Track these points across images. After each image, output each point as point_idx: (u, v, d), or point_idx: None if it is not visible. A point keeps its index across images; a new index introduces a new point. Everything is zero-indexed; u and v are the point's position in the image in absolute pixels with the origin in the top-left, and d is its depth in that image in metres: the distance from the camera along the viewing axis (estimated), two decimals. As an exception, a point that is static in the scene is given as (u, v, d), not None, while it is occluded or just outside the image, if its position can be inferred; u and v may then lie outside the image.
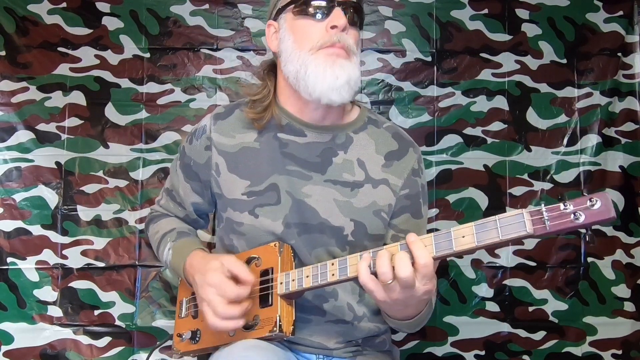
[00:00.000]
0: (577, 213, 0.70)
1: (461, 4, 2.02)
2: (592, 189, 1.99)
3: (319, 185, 1.09)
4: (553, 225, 0.71)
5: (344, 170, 1.10)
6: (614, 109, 2.02)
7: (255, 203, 1.09)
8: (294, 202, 1.08)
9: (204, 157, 1.14)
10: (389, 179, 1.11)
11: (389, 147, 1.14)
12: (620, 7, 2.02)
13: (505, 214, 0.76)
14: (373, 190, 1.10)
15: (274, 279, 1.01)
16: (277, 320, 0.96)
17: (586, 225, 0.70)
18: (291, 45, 1.04)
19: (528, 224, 0.73)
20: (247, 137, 1.13)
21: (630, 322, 1.97)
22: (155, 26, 2.00)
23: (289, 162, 1.09)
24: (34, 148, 1.94)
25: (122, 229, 1.95)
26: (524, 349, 1.96)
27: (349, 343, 1.15)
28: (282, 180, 1.09)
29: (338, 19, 1.00)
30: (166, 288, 1.95)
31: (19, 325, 1.90)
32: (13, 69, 1.95)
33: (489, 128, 2.01)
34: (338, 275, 0.92)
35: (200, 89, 2.00)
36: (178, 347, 1.17)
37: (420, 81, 2.02)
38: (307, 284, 0.96)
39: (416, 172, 1.15)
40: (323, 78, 0.99)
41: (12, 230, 1.92)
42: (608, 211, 0.69)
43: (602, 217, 0.69)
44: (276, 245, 1.04)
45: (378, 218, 1.10)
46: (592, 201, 0.69)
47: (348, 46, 1.01)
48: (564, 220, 0.71)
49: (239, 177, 1.11)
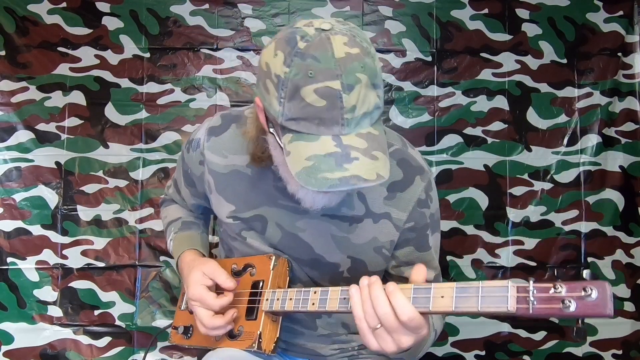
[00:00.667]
0: (567, 301, 0.60)
1: (461, 4, 2.02)
2: (592, 189, 1.99)
3: (314, 220, 1.01)
4: (538, 308, 0.63)
5: (343, 204, 0.99)
6: (614, 109, 2.02)
7: (240, 227, 1.05)
8: (285, 235, 1.02)
9: (199, 171, 1.10)
10: (391, 212, 1.01)
11: (392, 178, 1.00)
12: (620, 7, 2.02)
13: (490, 283, 0.67)
14: (374, 225, 1.01)
15: (262, 294, 0.99)
16: (257, 337, 0.96)
17: (576, 316, 0.61)
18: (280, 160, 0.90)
19: (511, 300, 0.65)
20: (239, 159, 1.04)
21: (630, 322, 1.97)
22: (155, 26, 1.99)
23: (281, 197, 1.00)
24: (33, 148, 1.94)
25: (122, 229, 1.95)
26: (524, 349, 1.97)
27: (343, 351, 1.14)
28: (272, 213, 1.02)
29: None
30: (166, 288, 1.95)
31: (19, 325, 1.90)
32: (13, 68, 1.95)
33: (489, 128, 2.01)
34: (317, 305, 0.88)
35: (200, 89, 1.99)
36: (173, 339, 1.18)
37: (421, 81, 2.02)
38: (289, 307, 0.93)
39: (423, 202, 1.03)
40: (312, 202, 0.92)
41: (12, 230, 1.92)
42: (604, 306, 0.59)
43: (595, 311, 0.60)
44: (271, 258, 1.00)
45: (379, 255, 1.03)
46: (588, 291, 0.59)
47: None
48: (552, 305, 0.62)
49: (225, 200, 1.06)
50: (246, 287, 1.04)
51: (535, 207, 1.99)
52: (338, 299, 0.85)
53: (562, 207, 1.99)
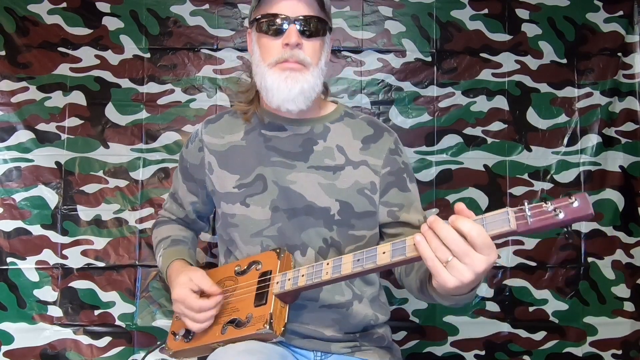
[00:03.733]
0: (557, 210, 0.74)
1: (461, 4, 2.02)
2: (592, 188, 1.99)
3: (303, 172, 1.18)
4: (535, 221, 0.75)
5: (325, 156, 1.19)
6: (614, 109, 2.02)
7: (245, 194, 1.19)
8: (281, 190, 1.17)
9: (198, 158, 1.27)
10: (367, 160, 1.20)
11: (364, 133, 1.24)
12: (620, 7, 2.02)
13: (491, 212, 0.80)
14: (354, 171, 1.18)
15: (271, 279, 1.05)
16: (269, 318, 0.98)
17: (566, 222, 0.74)
18: (257, 59, 1.16)
19: (512, 220, 0.77)
20: (234, 137, 1.24)
21: (630, 322, 1.97)
22: (155, 26, 2.00)
23: (273, 154, 1.19)
24: (33, 148, 1.94)
25: (122, 229, 1.95)
26: (524, 349, 1.97)
27: (346, 335, 1.17)
28: (267, 171, 1.18)
29: (290, 38, 1.09)
30: (166, 288, 1.94)
31: (19, 325, 1.90)
32: (13, 69, 1.95)
33: (489, 128, 2.01)
34: (331, 274, 0.95)
35: (201, 89, 2.00)
36: (170, 346, 1.18)
37: (420, 81, 2.02)
38: (302, 283, 0.99)
39: (394, 151, 1.23)
40: (277, 91, 1.11)
41: (12, 230, 1.92)
42: (586, 209, 0.74)
43: (580, 213, 0.74)
44: (277, 252, 1.10)
45: (362, 196, 1.18)
46: (571, 199, 0.74)
47: (301, 60, 1.11)
48: (545, 216, 0.75)
49: (229, 172, 1.22)
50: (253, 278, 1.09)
51: (535, 207, 1.99)
52: (351, 262, 0.93)
53: (562, 207, 1.99)
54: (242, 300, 1.07)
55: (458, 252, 0.77)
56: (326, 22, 1.15)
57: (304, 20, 1.11)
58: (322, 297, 1.16)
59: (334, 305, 1.16)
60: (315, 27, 1.12)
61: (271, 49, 1.12)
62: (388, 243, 0.89)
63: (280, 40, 1.11)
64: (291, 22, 1.10)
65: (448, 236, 0.77)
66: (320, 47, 1.15)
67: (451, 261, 0.77)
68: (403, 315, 1.96)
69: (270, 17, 1.11)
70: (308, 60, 1.12)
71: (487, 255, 0.77)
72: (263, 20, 1.13)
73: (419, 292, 1.06)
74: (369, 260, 0.89)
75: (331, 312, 1.16)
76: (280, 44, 1.11)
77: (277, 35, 1.12)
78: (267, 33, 1.13)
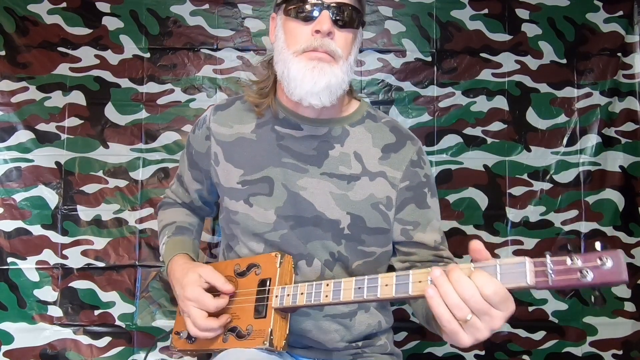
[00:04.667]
0: (584, 271, 0.64)
1: (461, 4, 2.02)
2: (592, 189, 1.99)
3: (315, 178, 1.08)
4: (558, 280, 0.65)
5: (341, 163, 1.09)
6: (614, 109, 2.02)
7: (249, 192, 1.11)
8: (289, 195, 1.08)
9: (204, 147, 1.18)
10: (386, 171, 1.10)
11: (386, 140, 1.13)
12: (620, 7, 2.02)
13: (507, 260, 0.70)
14: (370, 183, 1.09)
15: (270, 291, 1.00)
16: (269, 334, 0.96)
17: (594, 285, 0.64)
18: (281, 45, 1.04)
19: (530, 275, 0.67)
20: (244, 127, 1.14)
21: (631, 322, 1.97)
22: (155, 26, 1.99)
23: (285, 154, 1.10)
24: (33, 148, 1.94)
25: (122, 229, 1.95)
26: (523, 349, 1.96)
27: (348, 344, 1.14)
28: (277, 172, 1.10)
29: (322, 24, 0.99)
30: (166, 288, 1.95)
31: (19, 325, 1.90)
32: (13, 68, 1.95)
33: (489, 128, 2.01)
34: (331, 297, 0.89)
35: (201, 89, 2.00)
36: (176, 345, 1.17)
37: (420, 81, 2.02)
38: (301, 302, 0.94)
39: (415, 163, 1.12)
40: (302, 82, 0.99)
41: (12, 230, 1.92)
42: (620, 273, 0.63)
43: (612, 278, 0.63)
44: (277, 256, 1.02)
45: (376, 211, 1.09)
46: (603, 260, 0.63)
47: (332, 51, 1.00)
48: (570, 276, 0.64)
49: (233, 166, 1.13)
50: (252, 286, 1.04)
51: (535, 207, 1.99)
52: (352, 290, 0.86)
53: (562, 207, 1.99)
54: (242, 308, 1.04)
55: (478, 310, 0.68)
56: (361, 14, 1.05)
57: (337, 7, 1.00)
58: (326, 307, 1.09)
59: (338, 315, 1.11)
60: (350, 16, 1.02)
61: (299, 35, 1.01)
62: (392, 275, 0.82)
63: (310, 26, 1.00)
64: (324, 8, 0.99)
65: (467, 292, 0.68)
66: (353, 40, 1.05)
67: (470, 320, 0.69)
68: (403, 316, 1.96)
69: (302, 0, 1.01)
70: (339, 52, 1.01)
71: (505, 310, 0.70)
72: (293, 3, 1.02)
73: (425, 323, 1.02)
74: (371, 292, 0.83)
75: (334, 323, 1.12)
76: (310, 31, 1.00)
77: (308, 21, 1.01)
78: (296, 17, 1.01)
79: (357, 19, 1.04)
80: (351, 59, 1.05)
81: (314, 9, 1.00)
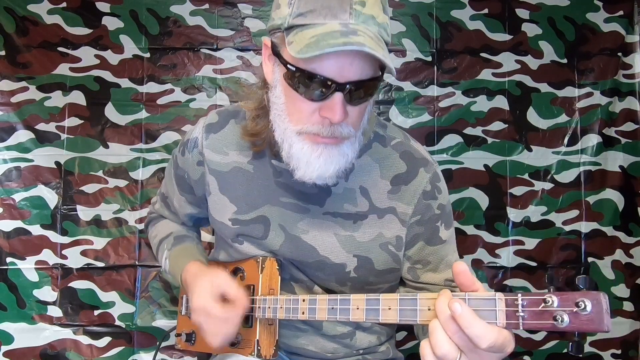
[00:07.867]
0: (559, 315, 0.56)
1: (461, 4, 2.02)
2: (592, 189, 1.99)
3: (317, 219, 0.97)
4: (528, 323, 0.58)
5: (345, 200, 0.97)
6: (614, 109, 2.02)
7: (239, 232, 1.01)
8: (288, 238, 0.98)
9: (198, 173, 1.05)
10: (396, 207, 0.97)
11: (395, 170, 0.98)
12: (620, 7, 2.02)
13: (477, 295, 0.62)
14: (378, 221, 0.97)
15: (254, 301, 0.97)
16: (256, 345, 0.95)
17: (569, 331, 0.56)
18: (281, 107, 0.86)
19: (500, 314, 0.60)
20: (241, 156, 1.01)
21: (629, 321, 1.97)
22: (155, 26, 1.99)
23: (284, 193, 0.98)
24: (33, 148, 1.94)
25: (122, 229, 1.95)
26: (524, 349, 1.96)
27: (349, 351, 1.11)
28: (274, 212, 0.99)
29: (334, 113, 0.78)
30: (166, 288, 1.94)
31: (19, 325, 1.90)
32: (13, 68, 1.95)
33: (489, 128, 2.01)
34: (307, 315, 0.84)
35: (200, 89, 1.99)
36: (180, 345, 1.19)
37: (421, 81, 2.02)
38: (281, 315, 0.90)
39: (429, 194, 0.98)
40: (307, 166, 0.84)
41: (12, 230, 1.92)
42: (599, 321, 0.54)
43: (590, 327, 0.54)
44: (258, 261, 0.97)
45: (385, 252, 0.98)
46: (581, 305, 0.54)
47: (343, 135, 0.83)
48: (544, 321, 0.57)
49: (228, 200, 1.02)
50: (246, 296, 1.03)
51: (536, 207, 1.99)
52: (326, 309, 0.81)
53: (563, 207, 1.99)
54: None
55: (464, 347, 0.62)
56: (382, 74, 0.82)
57: (355, 84, 0.78)
58: (325, 326, 1.04)
59: (337, 336, 1.06)
60: (367, 90, 0.81)
61: (304, 111, 0.82)
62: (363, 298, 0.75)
63: (317, 105, 0.80)
64: (337, 90, 0.78)
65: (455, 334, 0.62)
66: (367, 108, 0.87)
67: None
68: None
69: (309, 76, 0.78)
70: (351, 132, 0.84)
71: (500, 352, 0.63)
72: (295, 72, 0.79)
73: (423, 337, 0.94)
74: (343, 314, 0.77)
75: (334, 342, 1.06)
76: (318, 111, 0.81)
77: (314, 100, 0.80)
78: (298, 92, 0.80)
79: (376, 85, 0.82)
80: (364, 121, 0.88)
81: (325, 90, 0.78)
